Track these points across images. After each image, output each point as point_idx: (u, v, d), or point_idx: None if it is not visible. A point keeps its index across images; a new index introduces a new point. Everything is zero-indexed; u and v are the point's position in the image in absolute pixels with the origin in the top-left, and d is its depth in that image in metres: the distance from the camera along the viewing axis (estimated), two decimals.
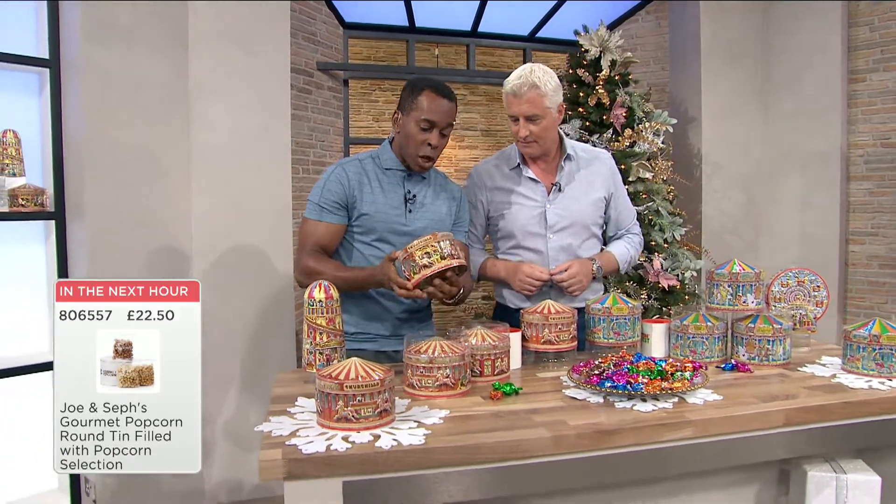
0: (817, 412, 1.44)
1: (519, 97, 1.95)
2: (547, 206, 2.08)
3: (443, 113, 1.86)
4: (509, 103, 2.00)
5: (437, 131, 1.87)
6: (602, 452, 1.28)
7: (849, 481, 1.54)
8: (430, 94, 1.86)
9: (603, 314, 1.83)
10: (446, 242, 1.64)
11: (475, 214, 2.17)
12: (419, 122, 1.85)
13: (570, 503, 1.48)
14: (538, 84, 1.94)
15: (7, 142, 2.75)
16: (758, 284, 1.80)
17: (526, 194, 2.10)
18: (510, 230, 2.11)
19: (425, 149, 1.88)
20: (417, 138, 1.87)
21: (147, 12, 2.87)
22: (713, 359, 1.80)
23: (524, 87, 1.94)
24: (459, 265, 1.65)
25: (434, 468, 1.20)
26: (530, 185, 2.10)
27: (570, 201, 2.09)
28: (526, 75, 1.95)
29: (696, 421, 1.35)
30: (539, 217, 2.08)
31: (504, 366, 1.65)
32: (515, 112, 1.98)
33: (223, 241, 3.11)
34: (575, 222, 2.09)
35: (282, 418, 1.35)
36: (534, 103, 1.95)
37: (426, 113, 1.85)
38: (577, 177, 2.12)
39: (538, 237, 2.09)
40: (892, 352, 1.61)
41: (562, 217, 2.08)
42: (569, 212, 2.08)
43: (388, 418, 1.30)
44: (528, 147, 2.04)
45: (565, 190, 2.10)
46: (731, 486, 1.66)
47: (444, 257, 1.62)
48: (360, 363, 1.32)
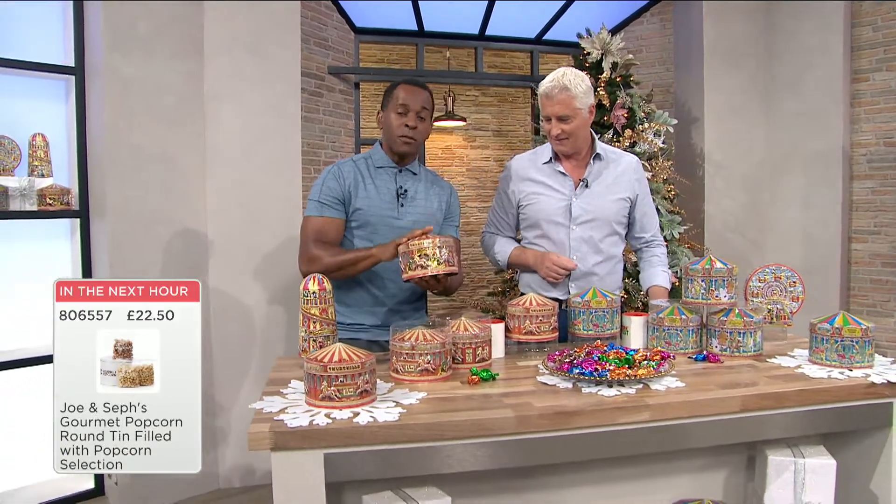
0: (773, 399, 1.53)
1: (551, 99, 2.10)
2: (573, 199, 2.21)
3: (415, 98, 2.07)
4: (543, 105, 2.15)
5: (413, 114, 2.07)
6: (562, 433, 1.39)
7: (806, 465, 1.63)
8: (404, 86, 2.10)
9: (583, 307, 1.94)
10: (445, 250, 1.77)
11: (507, 204, 2.32)
12: (396, 108, 2.07)
13: (537, 480, 1.60)
14: (569, 87, 2.08)
15: (36, 145, 2.95)
16: (730, 279, 1.89)
17: (554, 187, 2.23)
18: (537, 219, 2.24)
19: (403, 129, 2.07)
20: (396, 123, 2.07)
21: (165, 22, 3.04)
22: (688, 350, 1.89)
23: (556, 90, 2.08)
24: (451, 272, 1.79)
25: (406, 443, 1.33)
26: (559, 179, 2.23)
27: (596, 197, 2.22)
28: (558, 79, 2.09)
29: (654, 405, 1.45)
30: (565, 209, 2.21)
31: (485, 354, 1.76)
32: (549, 113, 2.13)
33: (237, 238, 3.27)
34: (598, 217, 2.21)
35: (274, 398, 1.49)
36: (565, 104, 2.09)
37: (401, 100, 2.07)
38: (604, 175, 2.24)
39: (562, 227, 2.21)
40: (854, 343, 1.69)
41: (586, 211, 2.20)
42: (593, 206, 2.21)
43: (368, 398, 1.43)
44: (560, 145, 2.17)
45: (592, 186, 2.22)
46: (699, 471, 1.76)
47: (440, 263, 1.76)
48: (344, 348, 1.44)
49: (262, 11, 3.25)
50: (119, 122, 2.94)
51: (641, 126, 3.53)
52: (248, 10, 3.23)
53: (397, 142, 2.09)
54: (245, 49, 3.24)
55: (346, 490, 1.50)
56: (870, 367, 1.70)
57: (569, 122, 2.11)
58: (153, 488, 3.06)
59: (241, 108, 3.25)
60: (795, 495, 1.63)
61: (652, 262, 2.31)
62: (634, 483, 1.69)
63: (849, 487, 1.77)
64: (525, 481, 1.60)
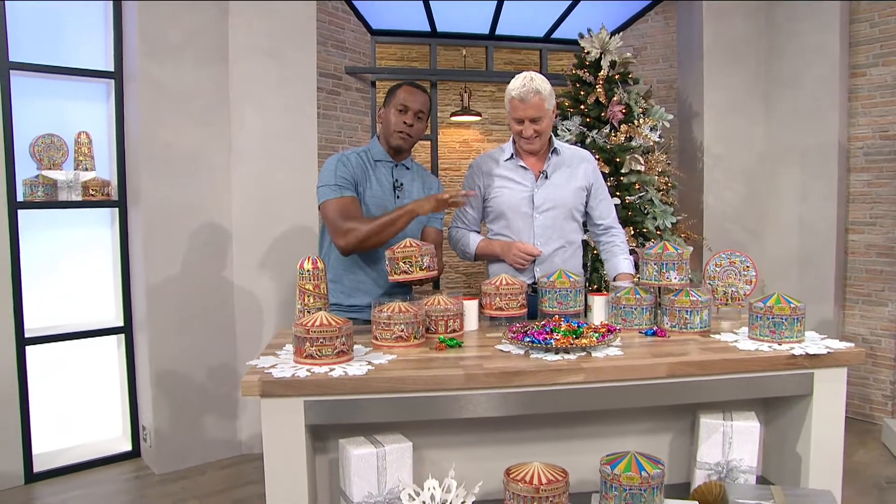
0: (698, 367, 1.74)
1: (525, 102, 2.31)
2: (535, 190, 2.44)
3: (415, 99, 2.30)
4: (515, 108, 2.35)
5: (412, 113, 2.29)
6: (505, 390, 1.64)
7: (734, 427, 1.84)
8: (406, 88, 2.33)
9: (549, 286, 2.17)
10: (427, 258, 2.04)
11: (473, 199, 2.53)
12: (397, 107, 2.30)
13: (497, 434, 1.84)
14: (540, 91, 2.30)
15: (81, 142, 3.31)
16: (680, 263, 2.09)
17: (517, 180, 2.46)
18: (502, 210, 2.48)
19: (401, 125, 2.30)
20: (395, 119, 2.30)
21: (193, 31, 3.36)
22: (642, 326, 2.11)
23: (530, 94, 2.29)
24: (431, 278, 2.06)
25: (371, 394, 1.59)
26: (521, 173, 2.46)
27: (555, 187, 2.45)
28: (528, 83, 2.30)
29: (589, 368, 1.68)
30: (528, 199, 2.44)
31: (456, 325, 2.01)
32: (521, 115, 2.34)
33: (258, 226, 3.59)
34: (558, 205, 2.44)
35: (269, 357, 1.77)
36: (537, 107, 2.31)
37: (402, 100, 2.30)
38: (562, 168, 2.47)
39: (526, 216, 2.45)
40: (783, 320, 1.88)
41: (547, 199, 2.44)
42: (553, 196, 2.44)
43: (344, 357, 1.69)
44: (531, 144, 2.40)
45: (551, 178, 2.46)
46: (646, 433, 1.98)
47: (421, 269, 2.02)
48: (326, 315, 1.71)
49: (281, 20, 3.54)
50: (152, 121, 3.27)
51: (638, 122, 3.71)
52: (269, 19, 3.52)
53: (394, 136, 2.32)
54: (266, 55, 3.54)
55: (330, 437, 1.78)
56: (799, 342, 1.88)
57: (540, 123, 2.34)
58: (182, 451, 3.41)
59: (262, 108, 3.55)
60: (724, 453, 1.85)
61: (614, 251, 2.52)
62: (586, 441, 1.91)
63: (781, 450, 1.97)
64: (482, 435, 1.85)
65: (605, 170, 3.59)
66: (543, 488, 1.54)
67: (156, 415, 3.35)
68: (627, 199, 3.60)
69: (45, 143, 3.20)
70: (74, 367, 3.43)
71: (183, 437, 3.43)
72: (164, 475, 3.33)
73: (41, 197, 3.18)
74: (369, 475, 1.64)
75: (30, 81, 3.19)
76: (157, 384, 3.35)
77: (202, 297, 3.46)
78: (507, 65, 5.85)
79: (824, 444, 1.83)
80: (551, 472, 1.59)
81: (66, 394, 3.42)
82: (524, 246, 2.39)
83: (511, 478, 1.58)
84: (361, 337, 1.92)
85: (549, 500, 1.55)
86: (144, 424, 3.46)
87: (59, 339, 3.31)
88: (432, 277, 2.09)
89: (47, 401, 3.34)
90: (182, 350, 3.40)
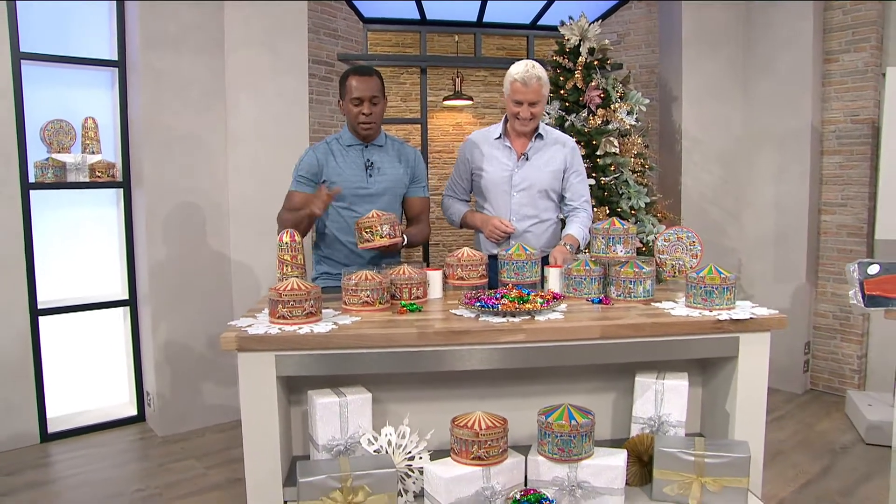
0: (631, 329, 1.93)
1: (527, 86, 2.53)
2: (515, 170, 2.66)
3: (366, 87, 2.42)
4: (516, 90, 2.55)
5: (367, 103, 2.43)
6: (452, 347, 1.85)
7: (665, 385, 2.03)
8: (353, 77, 2.44)
9: (507, 259, 2.36)
10: (387, 226, 2.24)
11: (463, 170, 2.77)
12: (351, 101, 2.44)
13: (451, 391, 2.06)
14: (540, 76, 2.54)
15: (88, 126, 3.53)
16: (626, 237, 2.27)
17: (500, 159, 2.69)
18: (485, 185, 2.71)
19: (360, 118, 2.45)
20: (353, 112, 2.46)
21: (191, 23, 3.56)
22: (591, 294, 2.30)
23: (532, 80, 2.52)
24: (393, 244, 2.26)
25: (333, 349, 1.81)
26: (505, 152, 2.69)
27: (533, 169, 2.67)
28: (531, 69, 2.53)
29: (528, 329, 1.88)
30: (507, 178, 2.67)
31: (419, 293, 2.22)
32: (522, 98, 2.55)
33: (253, 205, 3.80)
34: (533, 185, 2.66)
35: (248, 318, 1.99)
36: (537, 92, 2.54)
37: (353, 92, 2.43)
38: (542, 151, 2.68)
39: (505, 194, 2.67)
40: (713, 289, 2.06)
41: (524, 179, 2.66)
42: (529, 176, 2.66)
43: (313, 318, 1.91)
44: (525, 126, 2.62)
45: (531, 159, 2.67)
46: (592, 392, 2.18)
47: (381, 237, 2.23)
48: (298, 281, 1.92)
49: (274, 12, 3.73)
50: (154, 108, 3.49)
51: (615, 106, 3.87)
52: (263, 11, 3.71)
53: (358, 129, 2.49)
54: (260, 45, 3.73)
55: (303, 390, 2.00)
56: (729, 309, 2.07)
57: (536, 107, 2.57)
58: (183, 415, 3.67)
59: (256, 95, 3.76)
60: (656, 409, 2.05)
61: (573, 221, 2.72)
62: (537, 398, 2.10)
63: (713, 407, 2.17)
64: (436, 390, 2.06)
65: (582, 152, 3.76)
66: (483, 433, 1.75)
67: (159, 382, 3.61)
68: (603, 181, 3.78)
69: (55, 128, 3.43)
70: (84, 337, 3.69)
71: (184, 403, 3.69)
72: (166, 437, 3.59)
73: (51, 179, 3.42)
74: (333, 421, 1.86)
75: (40, 70, 3.42)
76: (160, 353, 3.60)
77: (201, 272, 3.70)
78: (500, 50, 6.01)
79: (749, 402, 2.02)
80: (491, 420, 1.80)
81: (77, 362, 3.69)
82: (500, 223, 2.60)
83: (455, 424, 1.80)
84: (337, 303, 2.13)
85: (488, 444, 1.76)
86: (148, 391, 3.72)
87: (70, 311, 3.57)
88: (395, 243, 2.28)
89: (59, 368, 3.61)
90: (183, 322, 3.65)
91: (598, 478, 1.79)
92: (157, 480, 3.07)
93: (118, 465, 3.26)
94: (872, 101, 3.92)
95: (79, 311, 3.60)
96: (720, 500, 1.85)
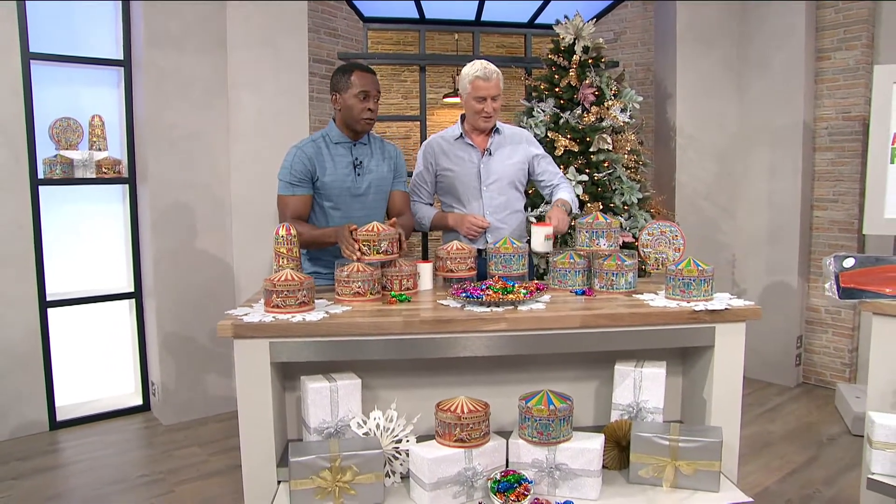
0: (609, 318, 2.01)
1: (489, 81, 2.65)
2: (481, 165, 2.75)
3: (372, 83, 2.47)
4: (478, 87, 2.65)
5: (373, 98, 2.48)
6: (437, 335, 1.94)
7: (643, 373, 2.11)
8: (360, 73, 2.46)
9: (495, 252, 2.44)
10: (385, 242, 2.23)
11: (427, 175, 2.84)
12: (357, 95, 2.44)
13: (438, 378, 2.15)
14: (497, 71, 2.67)
15: (95, 124, 3.64)
16: (609, 231, 2.35)
17: (465, 157, 2.78)
18: (454, 184, 2.79)
19: (366, 112, 2.47)
20: (359, 107, 2.45)
21: (193, 22, 3.66)
22: (575, 286, 2.39)
23: (493, 74, 2.65)
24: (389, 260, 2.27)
25: (324, 337, 1.90)
26: (469, 150, 2.78)
27: (498, 162, 2.78)
28: (488, 66, 2.66)
29: (510, 318, 1.96)
30: (476, 174, 2.76)
31: (410, 284, 2.30)
32: (486, 93, 2.66)
33: (255, 201, 3.90)
34: (501, 177, 2.77)
35: (244, 308, 2.09)
36: (496, 86, 2.67)
37: (361, 87, 2.43)
38: (504, 146, 2.79)
39: (475, 190, 2.77)
40: (691, 281, 2.14)
41: (492, 173, 2.76)
42: (497, 169, 2.77)
43: (306, 308, 2.00)
44: (488, 121, 2.72)
45: (494, 154, 2.77)
46: (575, 380, 2.26)
47: (378, 252, 2.22)
48: (292, 272, 2.02)
49: (274, 11, 3.83)
50: (158, 105, 3.60)
51: (608, 103, 3.94)
52: (264, 11, 3.81)
53: (360, 123, 2.49)
54: (261, 44, 3.83)
55: (298, 377, 2.09)
56: (707, 300, 2.15)
57: (497, 101, 2.68)
58: (187, 405, 3.78)
59: (257, 93, 3.86)
60: (634, 396, 2.13)
61: (559, 189, 2.79)
62: (521, 385, 2.18)
63: (692, 395, 2.25)
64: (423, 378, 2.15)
65: (576, 149, 3.84)
66: (465, 416, 1.84)
67: (163, 373, 3.72)
68: (596, 177, 3.85)
69: (63, 126, 3.54)
70: (91, 329, 3.81)
71: (187, 393, 3.80)
72: (170, 426, 3.71)
73: (59, 175, 3.53)
74: (324, 405, 1.96)
75: (48, 69, 3.53)
76: (165, 345, 3.71)
77: (204, 266, 3.80)
78: (499, 48, 6.08)
79: (725, 389, 2.09)
80: (474, 404, 1.89)
81: (84, 353, 3.80)
82: (475, 219, 2.69)
83: (439, 408, 1.88)
84: (331, 294, 2.23)
85: (470, 427, 1.85)
86: (153, 381, 3.83)
87: (77, 303, 3.68)
88: (391, 260, 2.26)
89: (67, 359, 3.73)
90: (187, 314, 3.76)
91: (576, 460, 1.88)
92: (160, 466, 3.18)
93: (124, 451, 3.38)
94: (863, 98, 3.98)
95: (86, 304, 3.71)
96: (693, 482, 1.93)
